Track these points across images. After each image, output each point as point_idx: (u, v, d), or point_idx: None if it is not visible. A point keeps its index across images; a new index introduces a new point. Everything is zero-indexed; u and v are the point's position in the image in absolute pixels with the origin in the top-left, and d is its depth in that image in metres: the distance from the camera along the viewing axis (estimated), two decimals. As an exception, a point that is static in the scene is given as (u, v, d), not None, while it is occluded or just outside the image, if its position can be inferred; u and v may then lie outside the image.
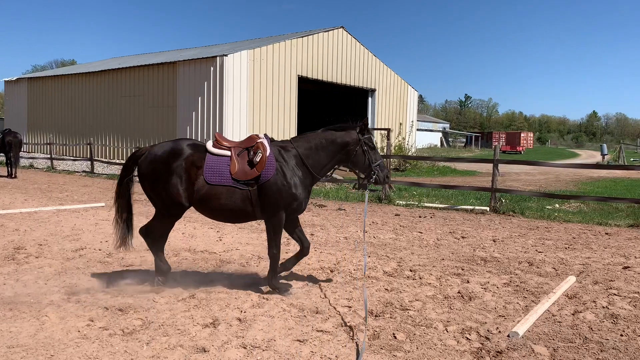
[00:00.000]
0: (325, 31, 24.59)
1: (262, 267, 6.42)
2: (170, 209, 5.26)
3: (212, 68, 20.18)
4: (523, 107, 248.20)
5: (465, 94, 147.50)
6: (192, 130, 21.03)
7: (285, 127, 22.55)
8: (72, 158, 24.97)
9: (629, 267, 6.86)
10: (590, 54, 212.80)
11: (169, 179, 5.12)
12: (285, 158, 5.27)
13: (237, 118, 20.47)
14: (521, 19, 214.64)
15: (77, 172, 21.46)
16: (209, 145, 5.31)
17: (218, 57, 20.01)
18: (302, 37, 23.41)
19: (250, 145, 5.28)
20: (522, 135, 72.28)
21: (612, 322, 4.72)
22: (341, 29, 25.40)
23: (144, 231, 5.46)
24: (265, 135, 5.45)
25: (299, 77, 23.21)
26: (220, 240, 8.16)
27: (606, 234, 9.51)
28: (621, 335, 4.41)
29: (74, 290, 5.33)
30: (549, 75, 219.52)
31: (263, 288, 5.47)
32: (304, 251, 5.63)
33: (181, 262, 6.71)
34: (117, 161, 22.66)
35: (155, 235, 5.45)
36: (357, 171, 5.56)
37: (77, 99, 26.66)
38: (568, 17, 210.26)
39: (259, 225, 9.60)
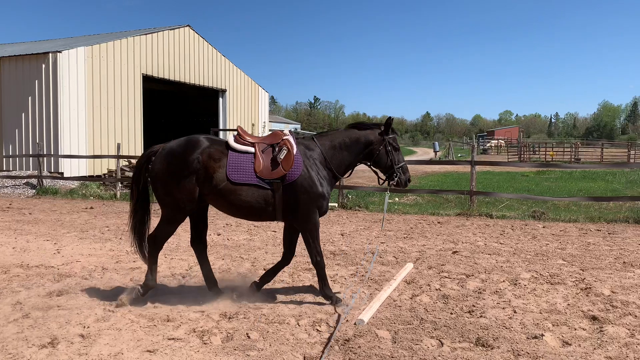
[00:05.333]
0: (171, 29, 23.79)
1: (107, 279, 6.06)
2: (186, 206, 4.88)
3: (43, 65, 18.43)
4: (366, 108, 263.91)
5: (315, 96, 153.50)
6: (22, 134, 19.01)
7: (130, 127, 21.39)
8: None
9: (457, 251, 7.69)
10: (423, 59, 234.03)
11: (185, 173, 4.76)
12: (310, 157, 5.04)
13: (75, 119, 18.95)
14: (362, 25, 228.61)
15: None
16: (231, 140, 4.97)
17: (51, 54, 18.33)
18: (147, 34, 22.39)
19: (275, 142, 5.00)
20: (366, 134, 76.71)
21: (443, 303, 5.26)
22: (187, 27, 24.77)
23: (151, 239, 5.06)
24: (291, 131, 5.19)
25: (144, 76, 22.16)
26: (59, 252, 7.51)
27: (438, 223, 10.54)
28: (451, 313, 4.93)
29: None
30: (389, 79, 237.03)
31: (111, 302, 5.15)
32: (284, 261, 5.39)
33: (12, 279, 6.04)
34: None
35: (159, 242, 5.05)
36: (378, 171, 5.37)
37: None
38: (403, 25, 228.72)
39: (102, 235, 9.01)
